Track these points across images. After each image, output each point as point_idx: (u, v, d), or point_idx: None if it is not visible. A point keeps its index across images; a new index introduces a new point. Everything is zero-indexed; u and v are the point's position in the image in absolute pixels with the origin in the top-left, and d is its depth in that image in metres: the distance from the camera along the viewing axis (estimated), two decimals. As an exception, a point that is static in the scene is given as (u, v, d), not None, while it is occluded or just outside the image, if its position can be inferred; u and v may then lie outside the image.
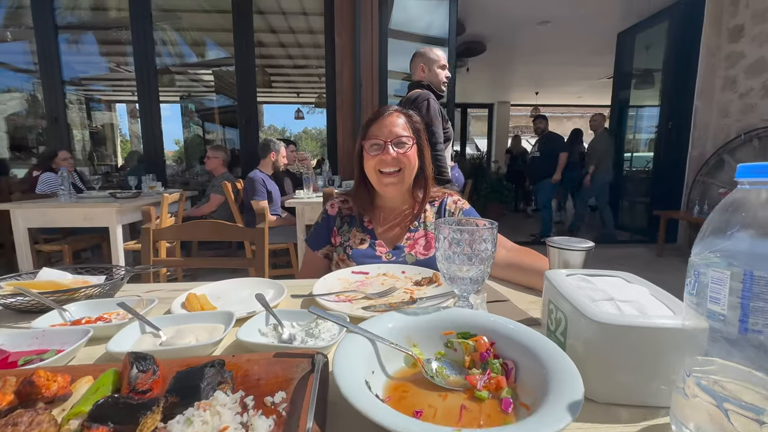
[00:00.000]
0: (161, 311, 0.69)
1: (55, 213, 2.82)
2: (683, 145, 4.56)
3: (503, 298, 0.75)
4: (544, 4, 4.59)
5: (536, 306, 0.73)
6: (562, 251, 0.59)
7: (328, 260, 1.11)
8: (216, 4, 4.60)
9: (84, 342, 0.53)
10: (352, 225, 1.08)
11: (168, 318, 0.60)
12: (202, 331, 0.57)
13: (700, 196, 4.28)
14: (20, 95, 5.74)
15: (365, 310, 0.67)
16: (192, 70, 6.44)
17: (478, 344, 0.47)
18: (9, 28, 4.72)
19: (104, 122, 7.83)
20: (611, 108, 5.90)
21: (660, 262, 4.12)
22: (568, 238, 0.61)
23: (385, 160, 0.98)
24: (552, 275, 0.53)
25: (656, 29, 4.80)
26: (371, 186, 1.06)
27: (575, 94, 10.27)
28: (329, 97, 4.23)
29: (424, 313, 0.52)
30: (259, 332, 0.58)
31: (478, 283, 0.56)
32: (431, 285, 0.81)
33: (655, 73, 5.04)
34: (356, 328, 0.46)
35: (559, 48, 6.18)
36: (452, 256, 0.54)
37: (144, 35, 4.15)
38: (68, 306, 0.64)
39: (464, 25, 5.11)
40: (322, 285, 0.80)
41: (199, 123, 7.57)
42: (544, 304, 0.55)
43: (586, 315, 0.42)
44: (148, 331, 0.57)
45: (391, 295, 0.76)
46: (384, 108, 1.05)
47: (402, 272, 0.89)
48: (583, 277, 0.54)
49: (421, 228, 1.07)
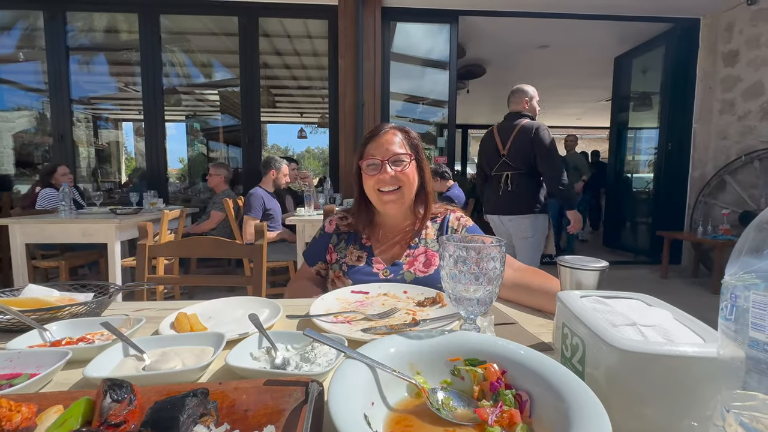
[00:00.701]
0: (149, 331, 0.65)
1: (53, 229, 2.80)
2: (684, 167, 4.57)
3: (511, 320, 0.71)
4: (542, 29, 4.71)
5: (546, 329, 0.68)
6: (575, 271, 0.55)
7: (320, 277, 1.09)
8: (224, 26, 4.73)
9: (61, 365, 0.49)
10: (350, 242, 1.06)
11: (154, 339, 0.56)
12: (190, 354, 0.53)
13: (703, 216, 4.25)
14: (29, 113, 5.85)
15: (365, 332, 0.63)
16: (198, 90, 6.58)
17: (488, 372, 0.43)
18: (23, 49, 4.85)
19: (110, 140, 7.95)
20: (610, 130, 5.96)
21: (664, 283, 4.04)
22: (580, 258, 0.58)
23: (383, 179, 0.96)
24: (565, 297, 0.50)
25: (653, 54, 4.90)
26: (371, 205, 1.05)
27: (574, 116, 10.41)
28: (332, 117, 4.28)
29: (428, 337, 0.48)
30: (251, 356, 0.54)
31: (486, 304, 0.52)
32: (435, 306, 0.77)
33: (652, 95, 5.11)
34: (354, 353, 0.42)
35: (557, 71, 6.30)
36: (458, 275, 0.51)
37: (152, 56, 4.25)
38: (50, 325, 0.61)
39: (464, 48, 5.23)
40: (319, 305, 0.76)
41: (204, 142, 7.69)
42: (557, 327, 0.51)
43: (607, 341, 0.38)
44: (132, 354, 0.53)
45: (392, 316, 0.72)
46: (380, 126, 1.03)
47: (404, 292, 0.85)
48: (599, 299, 0.50)
49: (422, 245, 1.04)
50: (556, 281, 0.79)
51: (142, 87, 4.29)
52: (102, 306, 0.71)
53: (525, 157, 2.50)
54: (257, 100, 4.31)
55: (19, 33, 4.87)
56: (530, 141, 2.46)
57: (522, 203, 2.52)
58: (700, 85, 4.41)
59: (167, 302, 0.86)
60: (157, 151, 4.40)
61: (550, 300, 0.76)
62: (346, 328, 0.66)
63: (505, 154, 2.58)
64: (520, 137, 2.53)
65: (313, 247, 1.11)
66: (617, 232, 5.70)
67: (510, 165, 2.55)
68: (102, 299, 0.71)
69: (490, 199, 2.69)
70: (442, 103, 4.51)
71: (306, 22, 4.48)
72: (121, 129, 8.29)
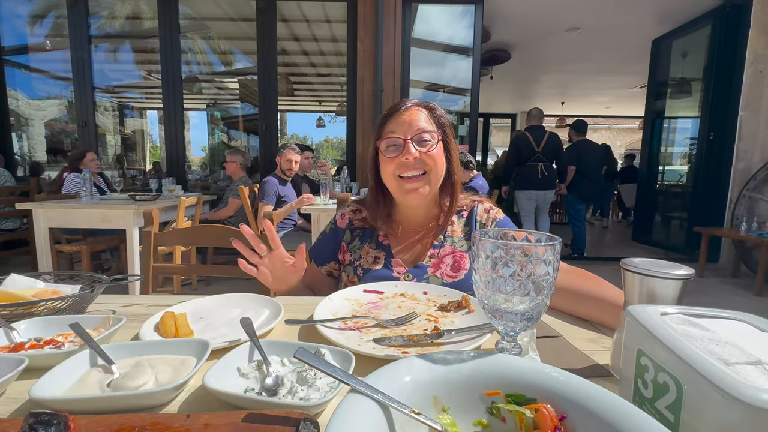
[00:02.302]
0: (131, 333, 0.57)
1: (74, 214, 2.83)
2: (726, 158, 4.23)
3: (554, 333, 0.59)
4: (574, 9, 4.40)
5: (600, 347, 0.56)
6: (647, 278, 0.43)
7: (333, 279, 0.96)
8: (241, 11, 4.66)
9: (13, 376, 0.41)
10: (365, 240, 0.92)
11: (128, 346, 0.48)
12: (167, 366, 0.44)
13: (747, 212, 3.92)
14: (59, 101, 6.03)
15: (377, 343, 0.53)
16: (218, 79, 6.59)
17: (540, 417, 0.32)
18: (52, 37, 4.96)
19: (135, 128, 8.13)
20: (644, 119, 5.59)
21: (701, 282, 3.77)
22: (651, 261, 0.45)
23: (405, 162, 0.81)
24: (640, 314, 0.38)
25: (696, 35, 4.51)
26: (389, 195, 0.90)
27: (603, 104, 9.89)
28: (350, 103, 4.17)
29: (458, 361, 0.37)
30: (238, 372, 0.44)
31: (532, 320, 0.41)
32: (460, 311, 0.66)
33: (692, 82, 4.73)
34: (362, 384, 0.32)
35: (588, 56, 5.94)
36: (497, 281, 0.39)
37: (171, 43, 4.23)
38: (18, 324, 0.53)
39: (489, 32, 4.97)
40: (326, 307, 0.66)
41: (225, 130, 7.75)
42: (626, 350, 0.39)
43: (725, 390, 0.26)
44: (100, 364, 0.45)
45: (410, 322, 0.61)
46: (401, 102, 0.87)
47: (423, 293, 0.74)
48: (687, 318, 0.38)
49: (448, 243, 0.89)
50: (608, 286, 0.66)
51: (162, 74, 4.29)
52: (86, 301, 0.64)
53: (553, 154, 4.20)
54: (275, 87, 4.24)
55: (49, 22, 4.98)
56: (557, 145, 4.21)
57: (551, 182, 4.26)
58: (750, 69, 4.04)
59: (163, 296, 0.79)
60: (176, 139, 4.41)
61: (604, 310, 0.63)
62: (355, 336, 0.56)
63: (540, 150, 4.13)
64: (550, 142, 4.16)
65: (321, 243, 0.97)
66: (648, 227, 5.38)
67: (542, 158, 4.14)
68: (85, 294, 0.63)
69: (528, 179, 4.19)
70: (464, 91, 4.32)
71: (324, 5, 4.35)
72: (145, 117, 8.46)
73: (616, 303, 0.61)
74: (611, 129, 16.87)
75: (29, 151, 6.19)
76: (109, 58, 5.32)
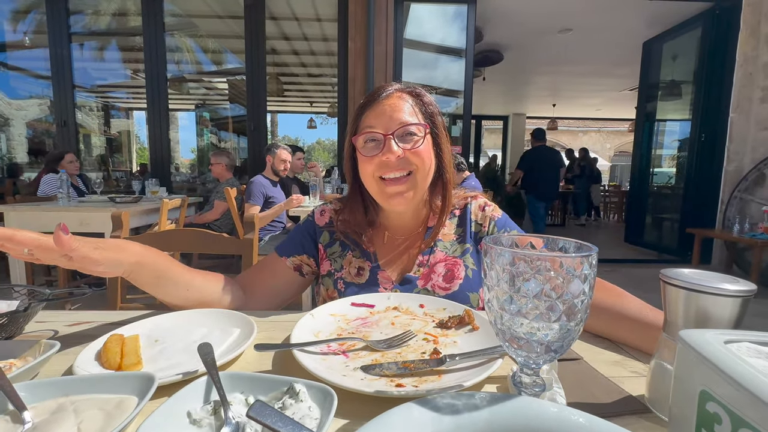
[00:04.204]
0: (65, 364, 0.47)
1: (50, 216, 2.68)
2: (717, 160, 4.24)
3: (574, 355, 0.51)
4: (567, 10, 4.39)
5: (625, 371, 0.48)
6: (699, 295, 0.35)
7: (301, 277, 0.79)
8: (228, 8, 4.54)
9: None
10: (346, 247, 0.79)
11: (51, 384, 0.38)
12: (98, 411, 0.35)
13: (738, 213, 3.93)
14: (41, 101, 5.85)
15: (366, 372, 0.44)
16: (206, 79, 6.45)
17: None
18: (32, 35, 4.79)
19: (122, 129, 7.91)
20: (636, 121, 5.61)
21: (696, 285, 3.75)
22: (701, 272, 0.37)
23: (386, 161, 0.67)
24: (701, 344, 0.29)
25: (686, 37, 4.54)
26: (370, 198, 0.77)
27: (594, 106, 9.97)
28: (341, 103, 4.08)
29: (468, 409, 0.29)
30: (188, 418, 0.35)
31: (560, 351, 0.32)
32: (462, 328, 0.57)
33: (683, 84, 4.76)
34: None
35: (580, 57, 5.95)
36: (516, 301, 0.31)
37: (156, 41, 4.10)
38: None
39: (482, 32, 4.93)
40: (306, 326, 0.56)
41: (214, 131, 7.61)
42: (679, 387, 0.31)
43: None
44: (10, 410, 0.35)
45: (405, 343, 0.52)
46: (381, 87, 0.72)
47: (420, 306, 0.65)
48: (758, 348, 0.30)
49: (438, 249, 0.77)
50: (645, 306, 0.56)
51: (146, 73, 4.16)
52: (16, 323, 0.53)
53: None
54: (263, 85, 4.13)
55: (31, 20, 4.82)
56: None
57: None
58: (740, 71, 4.06)
59: (126, 312, 0.68)
60: (161, 139, 4.28)
61: (642, 332, 0.53)
62: (340, 363, 0.47)
63: None
64: None
65: (291, 235, 0.82)
66: (640, 229, 5.39)
67: None
68: (17, 312, 0.53)
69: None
70: (457, 93, 4.26)
71: (314, 2, 4.26)
72: (132, 118, 8.25)
73: (657, 324, 0.50)
74: (601, 131, 17.05)
75: (9, 152, 5.98)
76: (93, 57, 5.15)
